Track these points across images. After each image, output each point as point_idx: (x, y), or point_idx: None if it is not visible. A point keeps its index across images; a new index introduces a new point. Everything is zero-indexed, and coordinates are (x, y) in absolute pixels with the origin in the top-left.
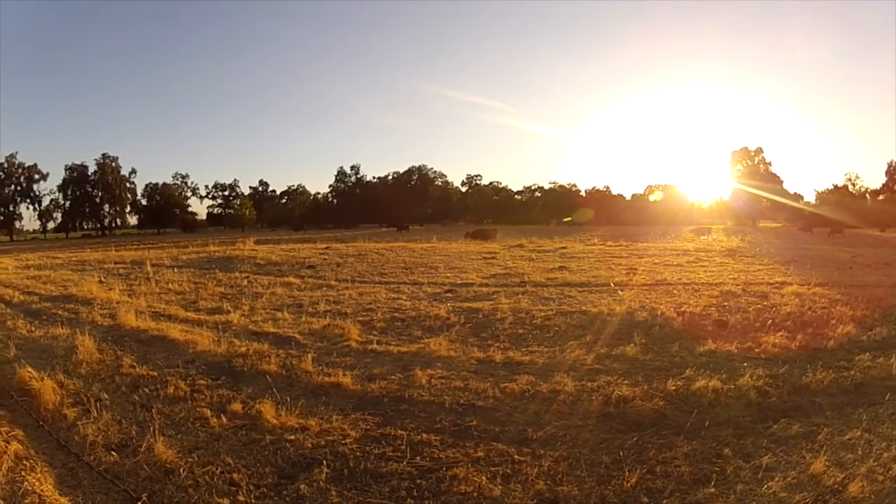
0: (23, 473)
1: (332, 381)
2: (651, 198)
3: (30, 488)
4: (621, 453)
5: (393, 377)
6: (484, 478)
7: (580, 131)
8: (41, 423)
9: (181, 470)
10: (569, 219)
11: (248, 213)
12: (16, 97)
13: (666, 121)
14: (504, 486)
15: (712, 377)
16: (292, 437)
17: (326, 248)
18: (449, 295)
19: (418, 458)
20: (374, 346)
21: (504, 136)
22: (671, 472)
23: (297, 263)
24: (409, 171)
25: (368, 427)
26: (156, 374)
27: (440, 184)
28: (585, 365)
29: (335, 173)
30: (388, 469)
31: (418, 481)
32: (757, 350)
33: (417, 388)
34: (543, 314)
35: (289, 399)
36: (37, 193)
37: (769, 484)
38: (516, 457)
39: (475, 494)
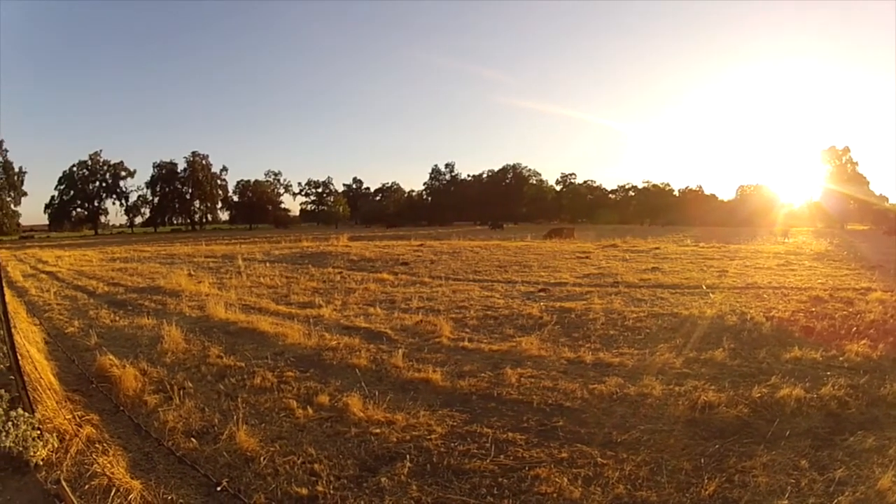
0: (93, 456)
1: (422, 377)
2: (726, 198)
3: (99, 470)
4: (702, 460)
5: (483, 375)
6: (565, 479)
7: (674, 128)
8: (120, 408)
9: (261, 458)
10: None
11: (341, 209)
12: (108, 97)
13: (761, 118)
14: (584, 489)
15: (796, 385)
16: (378, 430)
17: (420, 245)
18: (542, 294)
19: (502, 456)
20: (466, 343)
21: (597, 135)
22: (748, 482)
23: (391, 260)
24: (504, 170)
25: (455, 423)
26: (243, 364)
27: (534, 182)
28: (674, 369)
29: (430, 171)
30: (471, 466)
31: (500, 479)
32: (840, 358)
33: (506, 386)
34: (635, 316)
35: (377, 393)
36: (123, 189)
37: (839, 499)
38: (599, 459)
39: (555, 495)
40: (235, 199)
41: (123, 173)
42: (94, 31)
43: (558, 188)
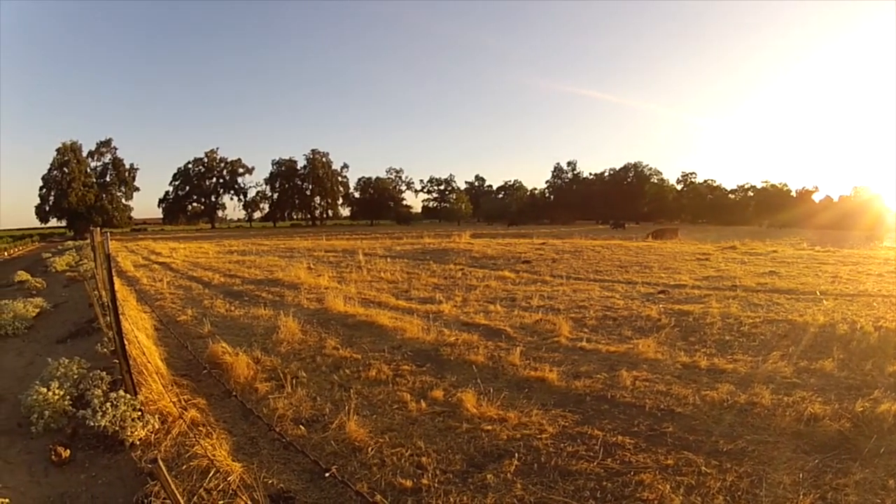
0: (195, 438)
1: (538, 376)
2: (840, 199)
3: (199, 452)
4: (801, 475)
5: (598, 376)
6: (668, 486)
7: (794, 127)
8: (232, 394)
9: (369, 449)
10: None
11: (463, 206)
12: (224, 98)
13: (876, 117)
14: (684, 498)
15: None
16: (489, 427)
17: (542, 243)
18: (661, 296)
19: (609, 459)
20: (584, 343)
21: (716, 133)
22: (839, 500)
23: (513, 258)
24: (625, 168)
25: (566, 424)
26: (359, 357)
27: (655, 181)
28: (784, 377)
29: (552, 169)
30: (577, 468)
31: (604, 483)
32: None
33: (621, 388)
34: (751, 321)
35: (491, 390)
36: (241, 185)
37: None
38: (703, 468)
39: (655, 502)
40: (356, 195)
41: (241, 170)
42: (210, 33)
43: (679, 187)
